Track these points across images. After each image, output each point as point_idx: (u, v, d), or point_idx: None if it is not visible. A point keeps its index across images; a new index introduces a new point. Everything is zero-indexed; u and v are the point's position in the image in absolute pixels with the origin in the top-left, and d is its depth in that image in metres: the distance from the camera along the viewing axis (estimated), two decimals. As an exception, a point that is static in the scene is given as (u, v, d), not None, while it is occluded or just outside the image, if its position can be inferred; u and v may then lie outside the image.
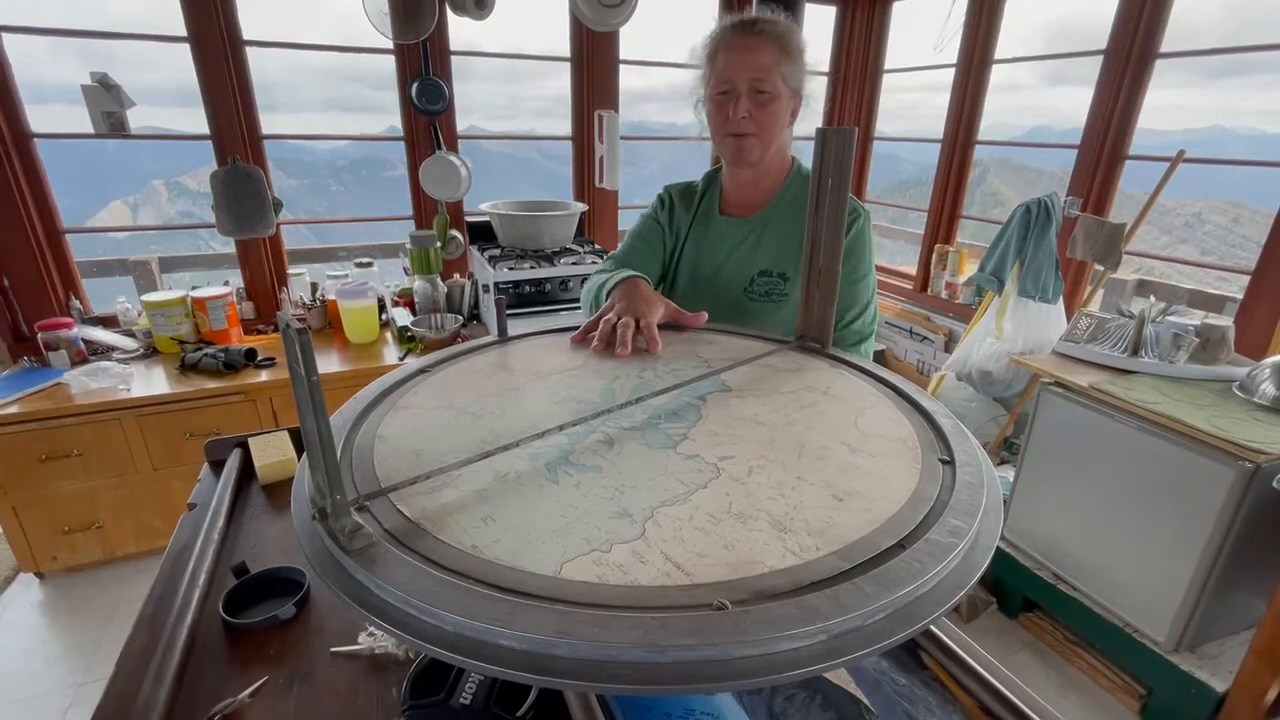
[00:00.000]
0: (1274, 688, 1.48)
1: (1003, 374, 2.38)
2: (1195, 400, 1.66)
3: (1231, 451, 1.45)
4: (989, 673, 0.52)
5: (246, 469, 0.95)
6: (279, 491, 0.91)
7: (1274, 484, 1.35)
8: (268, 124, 2.36)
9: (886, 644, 0.38)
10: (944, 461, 0.56)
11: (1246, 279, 2.01)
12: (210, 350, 2.15)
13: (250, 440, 0.97)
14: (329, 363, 2.23)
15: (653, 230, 1.17)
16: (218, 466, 0.94)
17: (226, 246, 2.47)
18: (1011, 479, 2.01)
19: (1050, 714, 0.48)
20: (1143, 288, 2.53)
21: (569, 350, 0.83)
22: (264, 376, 2.11)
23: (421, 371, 0.75)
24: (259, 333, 2.49)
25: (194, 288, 2.34)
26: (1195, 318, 1.93)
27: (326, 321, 2.50)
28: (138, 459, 2.02)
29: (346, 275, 2.55)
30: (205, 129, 2.27)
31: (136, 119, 2.20)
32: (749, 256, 1.10)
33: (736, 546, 0.44)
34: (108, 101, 2.09)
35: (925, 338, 2.93)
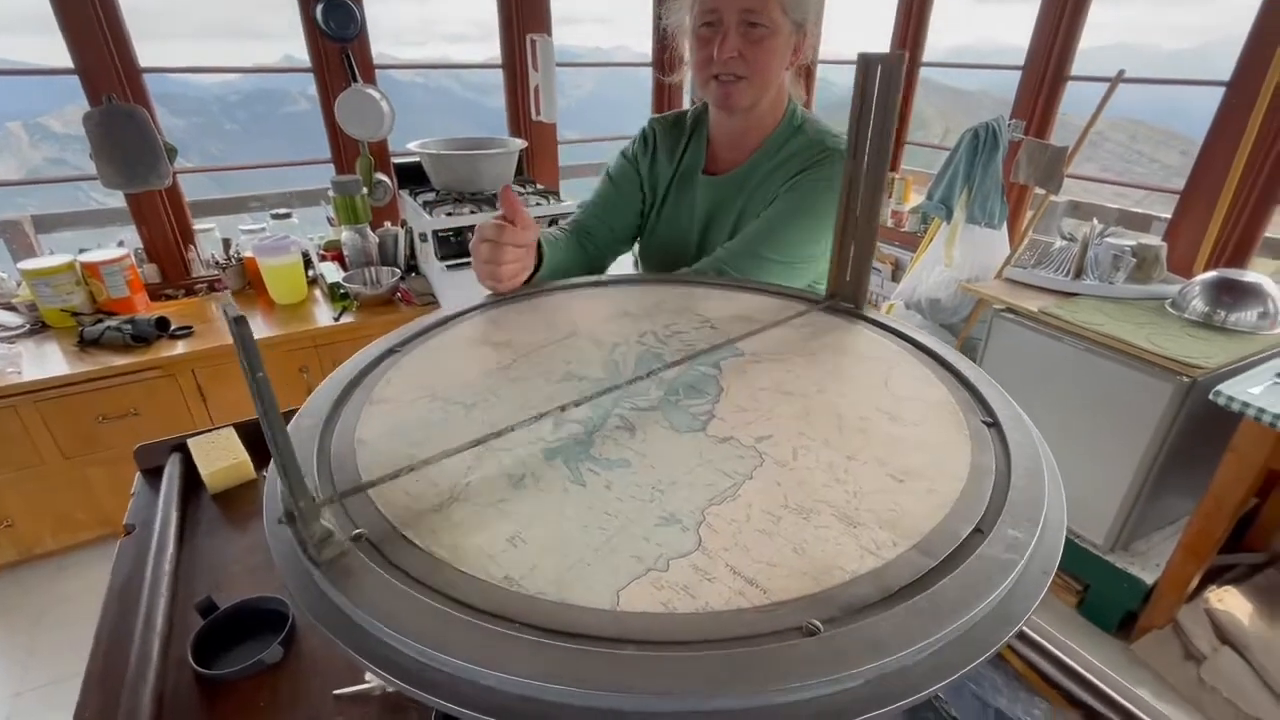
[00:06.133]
0: (1196, 577, 1.63)
1: (951, 301, 2.43)
2: (1134, 319, 1.74)
3: (1170, 368, 1.53)
4: (1054, 646, 0.51)
5: (191, 475, 0.81)
6: (235, 502, 0.79)
7: (1210, 397, 1.44)
8: (144, 55, 2.03)
9: (992, 650, 0.34)
10: (988, 424, 0.53)
11: (1162, 197, 2.09)
12: (113, 322, 1.91)
13: (190, 442, 0.83)
14: (256, 327, 2.03)
15: (628, 177, 1.02)
16: (153, 476, 0.80)
17: (113, 199, 2.16)
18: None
19: (1119, 684, 0.48)
20: (1075, 210, 2.62)
21: (550, 313, 0.75)
22: (181, 348, 1.90)
23: (391, 352, 0.66)
24: (168, 298, 2.24)
25: (82, 250, 2.05)
26: (1130, 239, 2.01)
27: (246, 281, 2.27)
28: (43, 449, 1.81)
29: (263, 228, 2.30)
30: (67, 62, 1.93)
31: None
32: (721, 226, 0.95)
33: (807, 549, 0.39)
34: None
35: (874, 268, 2.96)
